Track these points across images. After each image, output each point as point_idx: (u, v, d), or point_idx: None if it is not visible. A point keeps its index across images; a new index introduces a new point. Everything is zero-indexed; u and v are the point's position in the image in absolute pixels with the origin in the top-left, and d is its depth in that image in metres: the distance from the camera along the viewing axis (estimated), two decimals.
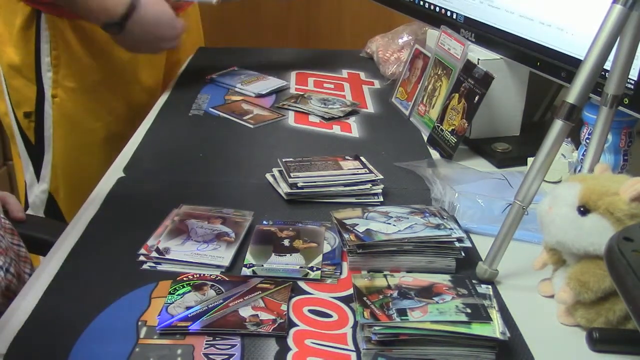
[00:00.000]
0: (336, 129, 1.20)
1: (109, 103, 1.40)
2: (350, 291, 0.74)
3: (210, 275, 0.76)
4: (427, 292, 0.69)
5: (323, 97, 1.32)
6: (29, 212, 1.43)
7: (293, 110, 1.27)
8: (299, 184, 0.93)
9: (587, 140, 0.89)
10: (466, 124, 1.04)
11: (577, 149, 0.99)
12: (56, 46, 1.31)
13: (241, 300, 0.71)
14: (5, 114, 1.40)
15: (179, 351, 0.65)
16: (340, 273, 0.79)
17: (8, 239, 0.91)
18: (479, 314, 0.65)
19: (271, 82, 1.39)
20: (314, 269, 0.78)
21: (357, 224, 0.81)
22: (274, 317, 0.69)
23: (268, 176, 0.99)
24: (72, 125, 1.37)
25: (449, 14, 1.23)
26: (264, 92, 1.34)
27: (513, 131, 1.15)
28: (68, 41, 1.32)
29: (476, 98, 1.03)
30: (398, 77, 1.34)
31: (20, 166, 1.45)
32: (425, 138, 1.15)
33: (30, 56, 1.32)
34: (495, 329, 0.64)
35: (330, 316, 0.71)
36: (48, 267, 0.78)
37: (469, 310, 0.66)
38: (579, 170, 0.86)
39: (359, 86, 1.42)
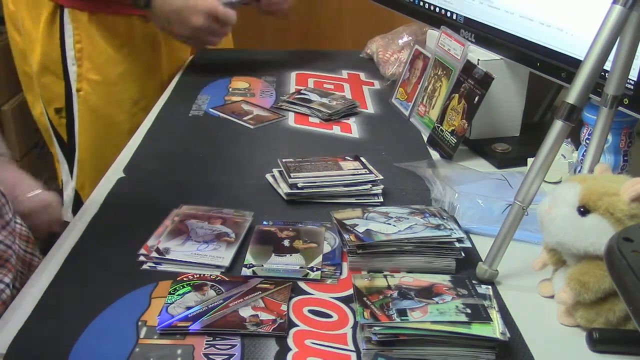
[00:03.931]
0: (336, 130, 1.20)
1: (134, 94, 1.41)
2: (350, 291, 0.74)
3: (210, 275, 0.76)
4: (427, 293, 0.69)
5: (322, 92, 1.32)
6: None
7: (293, 111, 1.27)
8: (299, 185, 0.93)
9: (587, 141, 0.89)
10: (466, 125, 1.05)
11: (577, 150, 0.99)
12: (79, 39, 1.33)
13: (241, 300, 0.71)
14: (41, 115, 1.42)
15: (179, 351, 0.65)
16: (340, 273, 0.79)
17: (22, 248, 0.89)
18: (479, 315, 0.65)
19: None
20: (314, 269, 0.78)
21: (357, 225, 0.81)
22: (274, 317, 0.69)
23: (268, 176, 0.99)
24: (98, 118, 1.38)
25: (448, 14, 1.23)
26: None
27: (513, 132, 1.15)
28: (90, 34, 1.34)
29: (476, 98, 1.03)
30: (398, 77, 1.34)
31: (60, 169, 1.45)
32: (425, 138, 1.15)
33: (56, 51, 1.34)
34: (495, 329, 0.64)
35: (330, 316, 0.71)
36: (48, 267, 0.78)
37: (469, 311, 0.66)
38: (579, 171, 0.86)
39: (359, 87, 1.42)
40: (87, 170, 1.40)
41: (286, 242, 0.83)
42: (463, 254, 0.78)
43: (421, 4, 1.30)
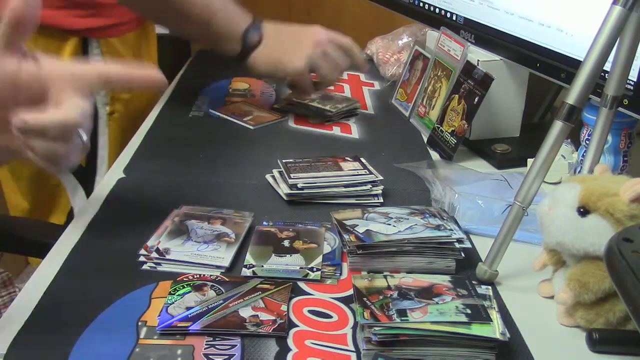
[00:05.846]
0: (336, 130, 1.20)
1: (145, 102, 1.40)
2: (350, 292, 0.74)
3: (211, 275, 0.76)
4: (427, 293, 0.69)
5: (322, 93, 1.32)
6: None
7: (293, 112, 1.27)
8: (299, 185, 0.93)
9: (587, 141, 0.90)
10: (466, 125, 1.05)
11: (576, 150, 0.99)
12: (110, 60, 1.31)
13: (241, 300, 0.71)
14: None
15: (179, 351, 0.65)
16: (340, 274, 0.79)
17: None
18: (478, 315, 0.65)
19: None
20: (314, 269, 0.78)
21: (357, 225, 0.81)
22: (274, 318, 0.69)
23: (268, 177, 0.99)
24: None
25: (448, 15, 1.23)
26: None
27: (513, 132, 1.15)
28: (119, 52, 1.33)
29: (476, 99, 1.04)
30: (398, 78, 1.34)
31: (67, 199, 1.39)
32: (425, 139, 1.15)
33: None
34: (495, 329, 0.64)
35: (330, 317, 0.71)
36: (48, 267, 0.78)
37: (468, 311, 0.66)
38: (579, 171, 0.86)
39: (358, 87, 1.42)
40: None
41: (286, 243, 0.83)
42: (463, 255, 0.78)
43: (421, 4, 1.30)
